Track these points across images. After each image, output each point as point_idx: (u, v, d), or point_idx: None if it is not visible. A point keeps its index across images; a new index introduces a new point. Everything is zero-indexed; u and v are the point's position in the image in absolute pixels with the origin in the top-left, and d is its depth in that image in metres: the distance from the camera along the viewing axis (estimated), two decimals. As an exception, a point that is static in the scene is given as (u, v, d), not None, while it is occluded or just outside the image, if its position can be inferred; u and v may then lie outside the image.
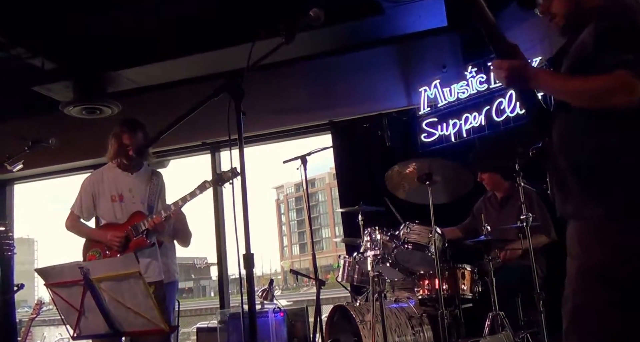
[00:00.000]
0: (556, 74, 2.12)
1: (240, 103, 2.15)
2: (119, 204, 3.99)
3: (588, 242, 2.02)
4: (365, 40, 6.26)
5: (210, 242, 7.07)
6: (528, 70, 2.10)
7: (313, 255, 4.66)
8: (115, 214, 3.98)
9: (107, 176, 4.08)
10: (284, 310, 5.34)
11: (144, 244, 3.88)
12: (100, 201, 4.04)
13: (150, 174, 4.13)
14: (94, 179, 4.10)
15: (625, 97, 1.89)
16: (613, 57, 1.92)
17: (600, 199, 1.98)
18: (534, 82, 2.09)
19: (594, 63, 1.96)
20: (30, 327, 5.83)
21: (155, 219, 3.84)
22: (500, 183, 4.83)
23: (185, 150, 7.43)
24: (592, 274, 1.99)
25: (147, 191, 4.04)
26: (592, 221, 2.00)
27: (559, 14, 2.22)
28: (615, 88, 1.91)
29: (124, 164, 4.03)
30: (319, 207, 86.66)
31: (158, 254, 4.01)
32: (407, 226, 4.30)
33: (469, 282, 4.26)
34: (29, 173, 7.90)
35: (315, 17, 2.34)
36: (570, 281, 2.07)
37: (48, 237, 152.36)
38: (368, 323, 4.06)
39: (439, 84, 5.97)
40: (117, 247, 3.84)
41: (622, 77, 1.89)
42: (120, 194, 4.00)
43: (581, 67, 2.03)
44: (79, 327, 2.84)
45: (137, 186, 4.03)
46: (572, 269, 2.07)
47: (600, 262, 1.97)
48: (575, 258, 2.06)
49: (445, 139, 5.91)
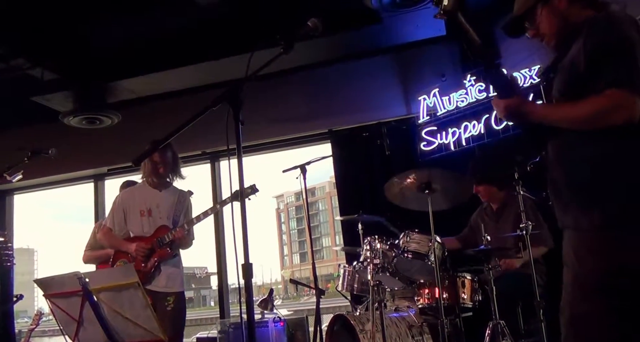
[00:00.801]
0: (549, 106, 2.15)
1: (238, 112, 2.16)
2: (147, 218, 4.26)
3: (583, 252, 2.03)
4: (364, 49, 6.28)
5: (210, 251, 7.06)
6: (523, 108, 2.15)
7: (313, 264, 4.65)
8: (143, 228, 4.24)
9: (138, 193, 4.39)
10: (284, 320, 5.32)
11: (167, 254, 4.15)
12: (130, 216, 4.32)
13: (178, 193, 4.40)
14: (126, 197, 4.40)
15: (621, 115, 1.91)
16: (604, 76, 1.94)
17: (595, 210, 1.99)
18: (531, 117, 2.14)
19: (587, 82, 1.99)
20: (29, 337, 5.81)
21: (179, 232, 4.13)
22: (496, 194, 4.84)
23: (185, 160, 7.38)
24: (588, 284, 2.00)
25: (174, 207, 4.31)
26: (588, 231, 2.01)
27: (549, 34, 2.26)
28: (607, 109, 1.93)
29: (154, 182, 4.34)
30: (319, 216, 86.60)
31: (181, 265, 4.30)
32: (407, 234, 4.29)
33: (469, 291, 4.25)
34: (29, 183, 7.91)
35: (313, 27, 2.35)
36: (566, 291, 2.08)
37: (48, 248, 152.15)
38: (368, 332, 4.05)
39: (438, 92, 5.98)
40: (142, 257, 4.09)
41: (612, 97, 1.92)
42: (149, 209, 4.28)
43: (575, 85, 2.05)
44: (77, 338, 2.84)
45: (164, 202, 4.31)
46: (568, 279, 2.08)
47: (596, 272, 1.98)
48: (571, 268, 2.07)
49: (445, 148, 5.91)
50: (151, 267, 4.09)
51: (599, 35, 2.00)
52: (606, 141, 1.98)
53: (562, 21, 2.21)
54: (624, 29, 1.99)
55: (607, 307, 1.95)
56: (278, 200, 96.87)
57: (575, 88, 2.04)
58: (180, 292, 4.19)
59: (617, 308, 1.94)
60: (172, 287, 4.13)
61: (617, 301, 1.94)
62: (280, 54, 2.28)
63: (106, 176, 7.88)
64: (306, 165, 4.69)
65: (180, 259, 4.31)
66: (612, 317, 1.94)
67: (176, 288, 4.16)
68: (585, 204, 2.02)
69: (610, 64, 1.94)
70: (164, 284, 4.10)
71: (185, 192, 4.46)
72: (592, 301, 1.98)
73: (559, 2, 2.20)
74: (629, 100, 1.90)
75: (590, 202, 2.01)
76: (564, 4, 2.20)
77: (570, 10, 2.19)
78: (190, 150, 7.13)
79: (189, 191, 4.43)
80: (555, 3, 2.21)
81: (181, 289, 4.22)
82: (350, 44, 6.11)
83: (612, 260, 1.95)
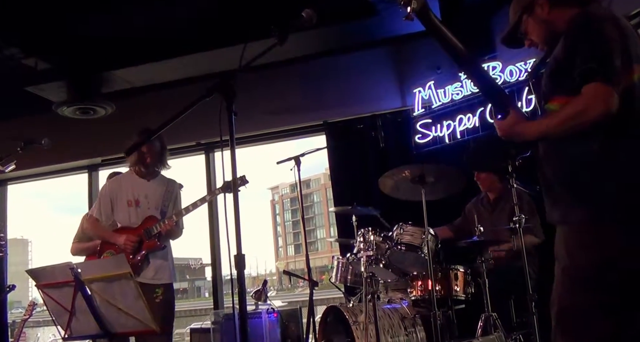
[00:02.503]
0: (535, 122, 2.16)
1: (232, 103, 2.15)
2: (135, 208, 4.22)
3: (573, 246, 2.06)
4: (359, 41, 6.27)
5: (205, 243, 7.07)
6: (514, 129, 2.19)
7: (307, 256, 4.67)
8: (131, 218, 4.20)
9: (125, 183, 4.32)
10: (278, 311, 5.33)
11: (156, 246, 4.11)
12: (117, 206, 4.26)
13: (166, 182, 4.35)
14: (113, 186, 4.34)
15: (596, 110, 1.93)
16: (578, 70, 1.97)
17: (583, 205, 2.02)
18: (523, 137, 2.19)
19: (566, 77, 2.02)
20: (22, 328, 5.81)
21: (168, 224, 4.08)
22: (495, 184, 4.86)
23: (180, 151, 7.41)
24: (576, 277, 2.03)
25: (162, 197, 4.26)
26: (576, 225, 2.05)
27: (540, 42, 2.33)
28: (581, 108, 1.96)
29: (142, 171, 4.28)
30: (314, 207, 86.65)
31: (169, 257, 4.23)
32: (401, 227, 4.30)
33: (461, 284, 4.27)
34: (23, 173, 7.88)
35: (308, 18, 2.33)
36: (556, 284, 2.11)
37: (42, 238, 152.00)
38: (361, 324, 4.06)
39: (433, 85, 5.98)
40: (131, 249, 4.05)
41: (586, 94, 1.94)
42: (137, 199, 4.23)
43: (558, 81, 2.10)
44: (70, 328, 2.84)
45: (152, 192, 4.26)
46: (558, 273, 2.11)
47: (584, 265, 2.01)
48: (561, 261, 2.10)
49: (439, 140, 5.91)
50: (139, 259, 4.07)
51: (576, 32, 2.05)
52: (592, 140, 2.00)
53: (548, 27, 2.26)
54: (599, 25, 2.02)
55: (594, 300, 1.97)
56: (273, 192, 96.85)
57: (559, 84, 2.09)
58: (169, 284, 4.16)
59: (604, 302, 1.97)
60: (161, 278, 4.10)
61: (604, 295, 1.97)
62: (275, 45, 2.27)
63: (100, 167, 7.86)
64: (301, 157, 4.69)
65: (169, 250, 4.26)
66: (600, 310, 1.97)
67: (165, 280, 4.12)
68: (574, 200, 2.06)
69: (584, 58, 1.98)
70: (152, 276, 4.08)
71: (174, 182, 4.40)
72: (579, 295, 2.01)
73: (541, 10, 2.27)
74: (603, 92, 1.92)
75: (578, 198, 2.05)
76: (546, 11, 2.26)
77: (553, 15, 2.24)
78: (184, 141, 7.13)
79: (179, 184, 4.39)
80: (538, 12, 2.28)
81: (170, 281, 4.18)
82: (346, 35, 6.09)
83: (600, 254, 1.98)
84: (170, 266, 4.23)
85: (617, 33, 2.00)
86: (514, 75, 5.42)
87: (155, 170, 4.33)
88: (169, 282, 4.17)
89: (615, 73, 1.94)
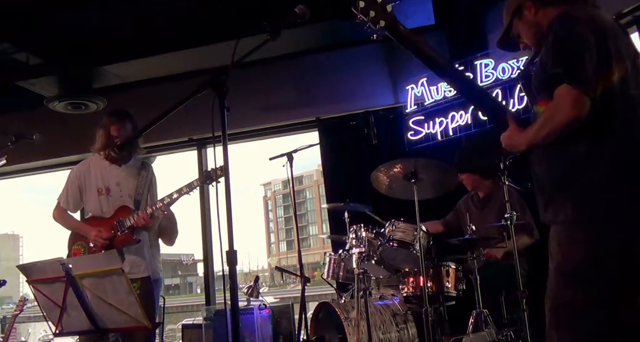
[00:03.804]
0: (525, 131, 2.16)
1: (224, 99, 2.15)
2: (106, 197, 3.88)
3: (564, 242, 2.08)
4: (352, 37, 6.26)
5: (196, 238, 7.06)
6: (513, 140, 2.21)
7: (299, 252, 4.67)
8: (102, 207, 3.87)
9: (94, 168, 3.95)
10: (270, 307, 5.33)
11: (130, 241, 3.78)
12: (86, 193, 3.93)
13: (139, 167, 4.00)
14: (81, 171, 3.97)
15: (563, 113, 1.95)
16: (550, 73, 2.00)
17: (571, 204, 2.04)
18: (519, 148, 2.21)
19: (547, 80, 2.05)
20: (13, 323, 5.79)
21: (142, 215, 3.74)
22: (480, 183, 4.87)
23: (172, 147, 7.39)
24: (568, 273, 2.05)
25: (135, 184, 3.92)
26: (568, 223, 2.06)
27: (531, 44, 2.36)
28: (551, 114, 2.00)
29: (112, 156, 3.89)
30: (307, 204, 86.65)
31: (145, 250, 3.93)
32: (393, 223, 4.31)
33: (453, 280, 4.29)
34: (13, 168, 7.83)
35: (301, 14, 2.33)
36: (550, 281, 2.13)
37: (33, 233, 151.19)
38: (353, 320, 4.07)
39: (425, 82, 5.98)
40: (101, 246, 3.75)
41: (555, 99, 1.97)
42: (107, 187, 3.89)
43: (542, 86, 2.11)
44: (61, 323, 2.83)
45: (125, 179, 3.92)
46: (551, 269, 2.13)
47: (575, 261, 2.03)
48: (554, 258, 2.12)
49: (432, 137, 5.92)
50: None
51: (552, 34, 2.07)
52: (580, 141, 2.02)
53: (537, 29, 2.28)
54: (572, 26, 2.04)
55: (587, 297, 1.99)
56: (265, 188, 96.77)
57: (543, 86, 2.10)
58: (145, 277, 3.84)
59: (596, 298, 1.99)
60: (137, 273, 3.77)
61: (594, 289, 1.99)
62: (267, 41, 2.27)
63: (92, 162, 7.82)
64: (293, 153, 4.69)
65: (145, 242, 3.94)
66: (592, 307, 1.99)
67: (140, 274, 3.80)
68: (564, 199, 2.07)
69: (555, 61, 2.00)
70: (127, 271, 3.74)
71: (149, 165, 4.06)
72: (572, 291, 2.03)
73: (528, 12, 2.29)
74: (570, 96, 1.94)
75: (567, 197, 2.06)
76: (532, 13, 2.28)
77: (540, 17, 2.26)
78: (176, 137, 7.11)
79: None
80: (526, 14, 2.30)
81: (147, 274, 3.86)
82: (339, 32, 6.09)
83: (589, 250, 2.00)
84: (148, 259, 3.93)
85: (591, 34, 2.00)
86: (506, 73, 5.43)
87: (127, 154, 3.94)
88: (146, 275, 3.85)
89: (583, 75, 1.95)
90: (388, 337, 4.18)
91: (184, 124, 5.45)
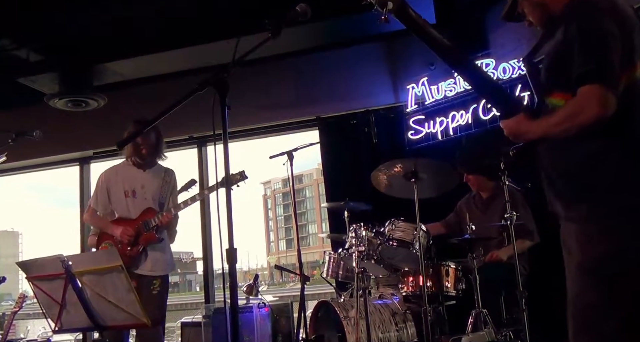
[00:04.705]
0: (537, 121, 2.11)
1: (224, 97, 2.15)
2: (132, 199, 4.18)
3: (583, 241, 2.02)
4: (353, 36, 6.26)
5: (196, 237, 7.06)
6: (520, 128, 2.15)
7: (298, 251, 4.67)
8: (129, 209, 4.17)
9: (121, 173, 4.28)
10: (269, 305, 5.33)
11: (154, 239, 4.08)
12: (113, 196, 4.23)
13: (163, 172, 4.31)
14: (109, 175, 4.30)
15: (590, 111, 1.90)
16: (576, 69, 1.94)
17: (584, 202, 2.00)
18: (527, 136, 2.15)
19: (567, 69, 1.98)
20: (12, 320, 5.78)
21: (166, 216, 4.07)
22: (486, 184, 4.86)
23: (172, 144, 7.37)
24: (592, 274, 1.99)
25: (159, 188, 4.24)
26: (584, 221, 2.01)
27: (537, 24, 2.29)
28: (576, 110, 1.95)
29: (138, 162, 4.23)
30: (306, 203, 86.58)
31: (167, 249, 4.23)
32: (392, 222, 4.30)
33: (452, 280, 4.28)
34: (14, 166, 7.84)
35: (302, 12, 2.32)
36: (572, 281, 2.07)
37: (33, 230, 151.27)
38: (352, 319, 4.07)
39: (426, 81, 5.99)
40: (127, 242, 4.04)
41: (582, 96, 1.92)
42: (133, 190, 4.19)
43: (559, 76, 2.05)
44: (60, 320, 2.83)
45: (149, 182, 4.23)
46: (572, 268, 2.06)
47: (598, 261, 1.97)
48: (574, 256, 2.05)
49: (432, 137, 5.92)
50: (137, 251, 4.05)
51: (574, 26, 2.00)
52: (596, 136, 1.98)
53: (543, 10, 2.22)
54: (598, 19, 1.97)
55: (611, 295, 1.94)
56: (265, 186, 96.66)
57: (560, 76, 2.04)
58: (165, 276, 4.17)
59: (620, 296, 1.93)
60: (158, 270, 4.11)
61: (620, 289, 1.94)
62: (268, 39, 2.26)
63: (92, 159, 7.82)
64: (293, 152, 4.69)
65: (166, 242, 4.26)
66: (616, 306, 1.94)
67: (161, 271, 4.13)
68: (575, 196, 2.04)
69: (583, 58, 1.94)
70: (150, 268, 4.07)
71: (171, 171, 4.37)
72: (596, 291, 1.97)
73: None
74: (599, 94, 1.89)
75: (579, 194, 2.03)
76: None
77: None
78: (177, 134, 7.10)
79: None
80: None
81: (166, 272, 4.19)
82: (340, 30, 6.08)
83: (607, 248, 1.95)
84: (168, 258, 4.23)
85: (616, 27, 1.95)
86: (507, 73, 5.42)
87: (152, 160, 4.29)
88: (165, 273, 4.18)
89: (613, 74, 1.91)
90: (387, 336, 4.18)
91: (185, 121, 5.43)
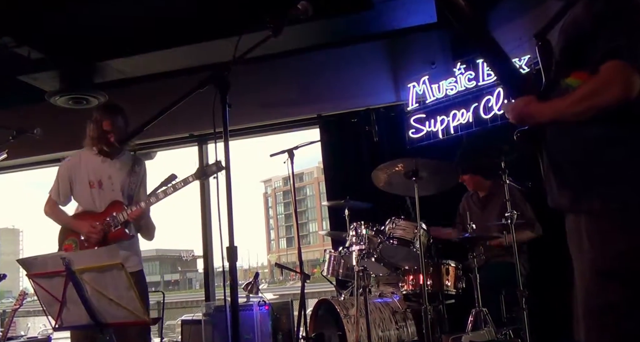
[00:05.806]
0: (549, 103, 1.99)
1: (225, 95, 2.15)
2: (97, 190, 3.78)
3: (597, 237, 1.91)
4: (354, 34, 6.26)
5: (196, 234, 7.06)
6: (527, 109, 2.02)
7: (299, 249, 4.67)
8: (94, 201, 3.77)
9: (85, 161, 3.85)
10: (269, 303, 5.34)
11: (125, 236, 3.72)
12: (77, 187, 3.83)
13: (132, 162, 3.92)
14: (71, 164, 3.88)
15: (614, 91, 1.79)
16: (602, 44, 1.82)
17: (598, 190, 1.90)
18: (536, 119, 2.02)
19: (587, 46, 1.88)
20: (13, 318, 5.80)
21: (135, 211, 3.67)
22: (482, 183, 4.87)
23: (173, 142, 7.40)
24: (607, 273, 1.88)
25: (127, 179, 3.84)
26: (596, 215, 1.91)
27: None
28: (599, 87, 1.82)
29: (104, 150, 3.80)
30: (307, 201, 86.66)
31: (136, 244, 3.88)
32: (393, 221, 4.31)
33: (453, 278, 4.28)
34: (14, 163, 7.84)
35: (303, 10, 2.32)
36: (584, 279, 1.96)
37: (33, 228, 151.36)
38: (352, 317, 4.08)
39: (427, 80, 5.98)
40: (95, 240, 3.67)
41: (606, 72, 1.80)
42: (99, 180, 3.79)
43: (577, 49, 1.94)
44: (60, 318, 2.83)
45: (117, 173, 3.82)
46: (584, 266, 1.96)
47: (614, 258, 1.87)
48: (586, 253, 1.94)
49: (433, 136, 5.92)
50: None
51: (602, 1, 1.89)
52: (608, 122, 1.87)
53: None
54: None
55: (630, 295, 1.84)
56: (266, 184, 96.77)
57: (579, 55, 1.93)
58: (138, 271, 3.75)
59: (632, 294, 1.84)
60: (130, 267, 3.54)
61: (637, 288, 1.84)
62: (269, 37, 2.26)
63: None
64: (294, 150, 4.69)
65: (136, 237, 3.88)
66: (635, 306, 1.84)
67: (133, 268, 3.64)
68: (586, 184, 1.93)
69: (609, 33, 1.83)
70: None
71: (141, 160, 3.98)
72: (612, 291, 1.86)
73: None
74: (624, 72, 1.78)
75: (591, 182, 1.92)
76: None
77: None
78: (178, 132, 7.11)
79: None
80: None
81: (139, 268, 3.79)
82: (341, 29, 6.08)
83: (624, 242, 1.85)
84: (137, 254, 3.86)
85: None
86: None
87: (120, 148, 3.84)
88: (138, 269, 3.79)
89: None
90: (387, 334, 4.18)
91: (185, 119, 5.44)
